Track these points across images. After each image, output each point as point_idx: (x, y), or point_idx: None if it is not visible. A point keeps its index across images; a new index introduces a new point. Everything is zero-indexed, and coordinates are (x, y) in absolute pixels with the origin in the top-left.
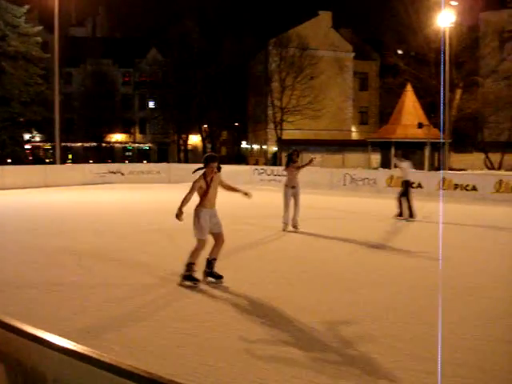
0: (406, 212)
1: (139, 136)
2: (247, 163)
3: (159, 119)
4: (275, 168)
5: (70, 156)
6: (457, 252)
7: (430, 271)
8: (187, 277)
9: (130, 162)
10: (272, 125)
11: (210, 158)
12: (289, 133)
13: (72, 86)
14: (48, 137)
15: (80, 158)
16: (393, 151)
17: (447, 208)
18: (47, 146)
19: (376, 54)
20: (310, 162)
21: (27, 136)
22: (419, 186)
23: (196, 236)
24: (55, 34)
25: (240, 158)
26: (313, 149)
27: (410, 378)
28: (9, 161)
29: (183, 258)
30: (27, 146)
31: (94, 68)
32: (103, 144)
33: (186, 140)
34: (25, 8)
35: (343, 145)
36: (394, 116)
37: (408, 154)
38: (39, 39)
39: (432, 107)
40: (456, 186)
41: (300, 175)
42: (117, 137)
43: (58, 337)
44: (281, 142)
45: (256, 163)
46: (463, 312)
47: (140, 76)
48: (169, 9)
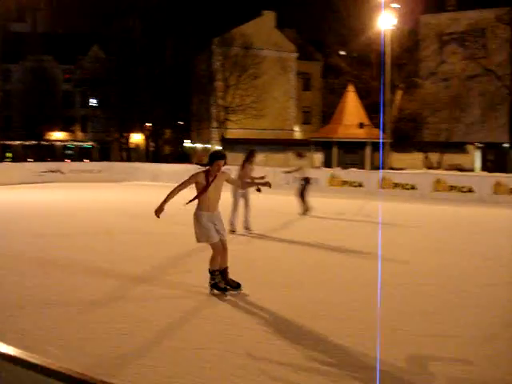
0: (303, 207)
1: (80, 134)
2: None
3: (101, 117)
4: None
5: (10, 154)
6: (395, 250)
7: (369, 269)
8: (214, 285)
9: (72, 161)
10: (215, 123)
11: (217, 156)
12: (232, 132)
13: (11, 83)
14: None
15: (19, 157)
16: (335, 151)
17: (387, 207)
18: None
19: (319, 55)
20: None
21: None
22: (360, 186)
23: (206, 242)
24: None
25: (183, 157)
26: (256, 148)
27: (348, 374)
28: None
29: (126, 256)
30: None
31: (34, 64)
32: (43, 142)
33: (128, 138)
34: None
35: (286, 144)
36: (336, 116)
37: (304, 153)
38: None
39: (374, 107)
40: (396, 185)
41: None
42: (57, 135)
43: None
44: (224, 141)
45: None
46: (401, 308)
47: (82, 73)
48: (112, 6)
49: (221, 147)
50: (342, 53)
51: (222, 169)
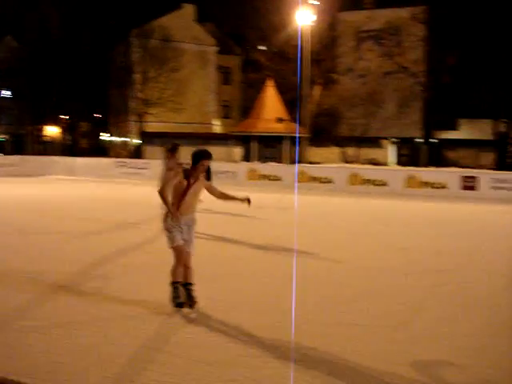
0: None
1: None
2: (108, 156)
3: (14, 109)
4: (138, 161)
5: None
6: (312, 243)
7: (285, 261)
8: (175, 299)
9: None
10: (134, 117)
11: (203, 155)
12: (151, 125)
13: None
14: None
15: None
16: (255, 145)
17: (304, 200)
18: None
19: (239, 49)
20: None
21: None
22: (278, 179)
23: (168, 245)
24: None
25: (101, 151)
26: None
27: (267, 365)
28: None
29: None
30: None
31: None
32: None
33: (42, 131)
34: None
35: (205, 138)
36: (256, 110)
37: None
38: None
39: (293, 102)
40: (313, 179)
41: (158, 169)
42: None
43: None
44: (143, 135)
45: (117, 156)
46: (316, 299)
47: None
48: None
49: (140, 141)
50: (262, 48)
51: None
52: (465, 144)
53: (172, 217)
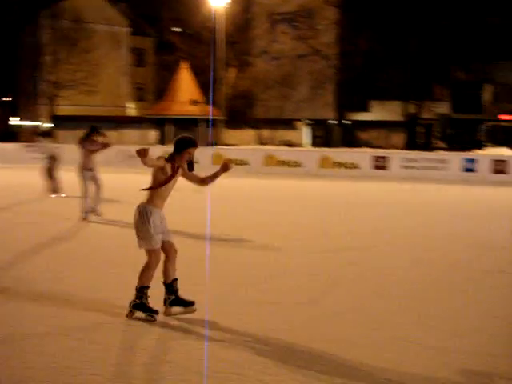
0: (51, 186)
1: None
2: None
3: None
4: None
5: None
6: (225, 225)
7: (197, 245)
8: (139, 306)
9: None
10: (45, 100)
11: (189, 142)
12: (63, 109)
13: None
14: None
15: None
16: (170, 128)
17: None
18: None
19: (153, 31)
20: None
21: None
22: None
23: (145, 247)
24: None
25: (10, 135)
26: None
27: (182, 346)
28: None
29: None
30: None
31: None
32: None
33: None
34: None
35: (119, 121)
36: (170, 93)
37: (49, 132)
38: None
39: (208, 85)
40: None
41: (70, 153)
42: None
43: None
44: (55, 119)
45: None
46: (232, 280)
47: None
48: None
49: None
50: (176, 29)
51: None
52: (376, 125)
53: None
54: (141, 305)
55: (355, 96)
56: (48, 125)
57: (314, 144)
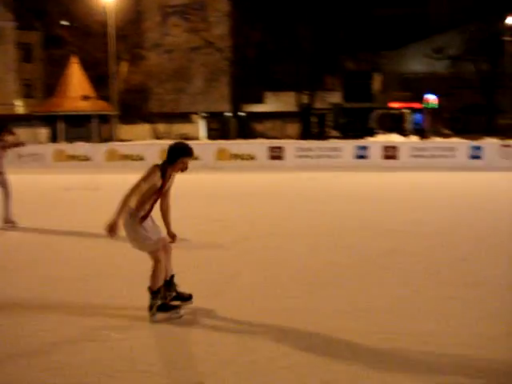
0: None
1: None
2: None
3: None
4: None
5: None
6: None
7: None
8: (162, 307)
9: None
10: None
11: (184, 151)
12: None
13: None
14: None
15: None
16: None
17: (115, 179)
18: None
19: (39, 24)
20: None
21: None
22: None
23: (146, 249)
24: None
25: None
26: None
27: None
28: None
29: None
30: None
31: None
32: None
33: None
34: None
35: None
36: (60, 89)
37: None
38: None
39: (99, 79)
40: (124, 157)
41: None
42: None
43: None
44: None
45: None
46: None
47: None
48: None
49: None
50: (65, 23)
51: None
52: (271, 116)
53: (111, 223)
54: (163, 305)
55: (250, 88)
56: None
57: (210, 137)
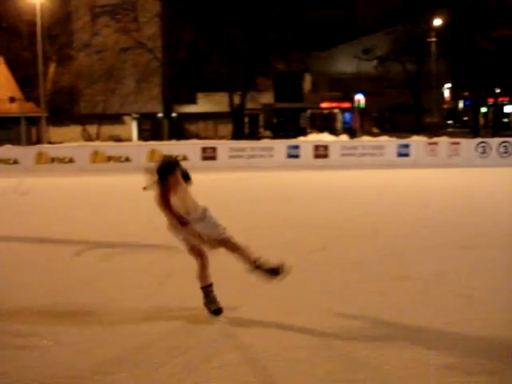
0: None
1: None
2: None
3: None
4: None
5: None
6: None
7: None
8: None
9: None
10: None
11: (171, 165)
12: None
13: None
14: None
15: None
16: None
17: (45, 182)
18: None
19: None
20: None
21: None
22: (15, 162)
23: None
24: None
25: None
26: None
27: None
28: None
29: None
30: None
31: None
32: None
33: None
34: None
35: None
36: None
37: None
38: None
39: (26, 80)
40: (53, 160)
41: None
42: None
43: None
44: None
45: None
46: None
47: None
48: None
49: None
50: None
51: None
52: (204, 117)
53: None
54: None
55: (182, 89)
56: None
57: (142, 138)
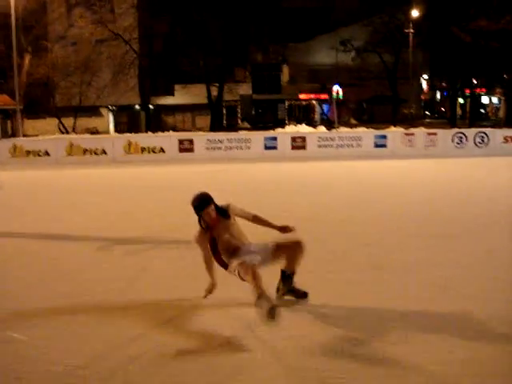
0: None
1: None
2: None
3: None
4: None
5: None
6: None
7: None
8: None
9: None
10: None
11: (201, 203)
12: None
13: None
14: None
15: None
16: None
17: (19, 176)
18: None
19: None
20: None
21: None
22: None
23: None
24: None
25: None
26: None
27: None
28: None
29: None
30: None
31: None
32: None
33: None
34: None
35: None
36: None
37: None
38: None
39: (1, 73)
40: (28, 153)
41: None
42: None
43: None
44: None
45: None
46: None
47: None
48: None
49: None
50: None
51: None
52: (181, 109)
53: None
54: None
55: (159, 80)
56: None
57: (119, 130)
